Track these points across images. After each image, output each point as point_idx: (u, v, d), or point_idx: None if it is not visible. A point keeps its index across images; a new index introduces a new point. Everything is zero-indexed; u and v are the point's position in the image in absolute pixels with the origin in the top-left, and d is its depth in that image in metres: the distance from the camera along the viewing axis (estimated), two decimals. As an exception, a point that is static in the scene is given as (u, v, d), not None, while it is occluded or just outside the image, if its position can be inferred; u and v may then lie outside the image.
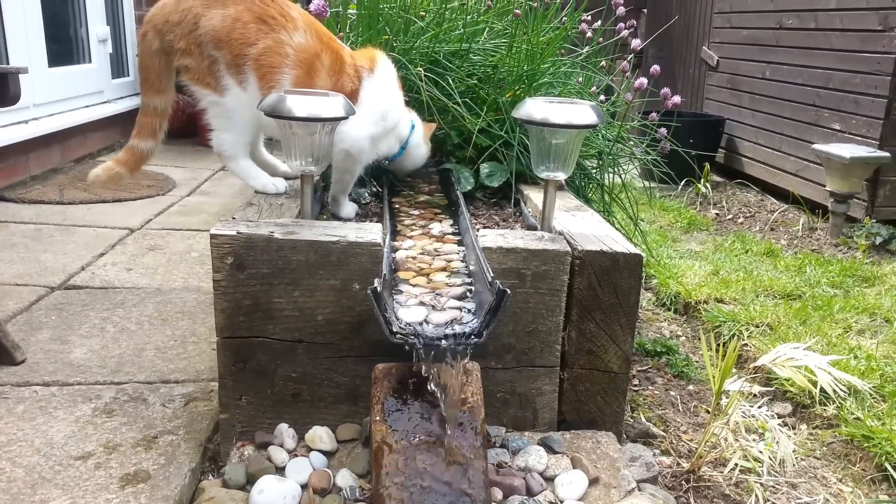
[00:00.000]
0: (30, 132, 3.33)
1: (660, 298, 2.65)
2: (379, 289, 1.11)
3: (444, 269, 1.38)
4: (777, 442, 1.52)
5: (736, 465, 1.50)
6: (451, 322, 1.18)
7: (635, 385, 1.95)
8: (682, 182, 4.40)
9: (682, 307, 2.56)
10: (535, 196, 1.75)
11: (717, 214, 4.13)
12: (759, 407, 1.67)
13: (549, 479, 1.29)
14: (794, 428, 1.81)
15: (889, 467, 1.58)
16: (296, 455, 1.32)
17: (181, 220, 2.97)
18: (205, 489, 1.25)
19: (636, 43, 2.23)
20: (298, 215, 1.51)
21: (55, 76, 3.71)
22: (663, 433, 1.69)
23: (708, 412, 1.79)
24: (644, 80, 2.05)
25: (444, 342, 1.12)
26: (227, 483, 1.25)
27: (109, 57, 4.37)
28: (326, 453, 1.33)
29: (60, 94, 3.75)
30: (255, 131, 1.68)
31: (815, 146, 3.71)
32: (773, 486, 1.53)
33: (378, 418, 1.19)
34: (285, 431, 1.35)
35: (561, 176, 1.48)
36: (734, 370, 1.95)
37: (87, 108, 4.02)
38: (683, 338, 2.35)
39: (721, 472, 1.52)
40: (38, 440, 1.39)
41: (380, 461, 1.15)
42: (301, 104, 1.38)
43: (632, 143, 2.36)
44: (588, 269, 1.37)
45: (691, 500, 1.45)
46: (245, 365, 1.35)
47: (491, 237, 1.39)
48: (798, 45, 4.25)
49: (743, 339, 2.19)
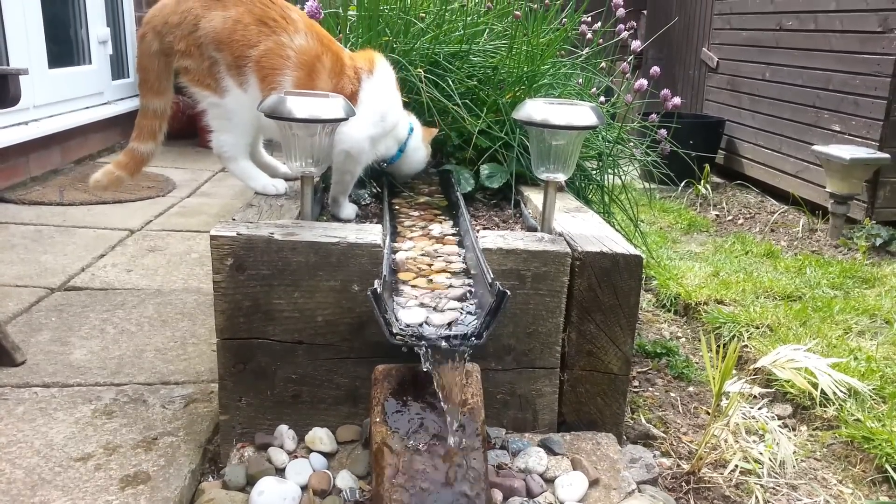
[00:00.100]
0: (30, 133, 3.33)
1: (660, 300, 2.65)
2: (379, 290, 1.11)
3: (444, 271, 1.38)
4: (777, 443, 1.52)
5: (736, 466, 1.50)
6: (451, 323, 1.18)
7: (635, 386, 1.95)
8: (682, 183, 4.40)
9: (682, 308, 2.56)
10: (535, 197, 1.75)
11: (717, 216, 4.13)
12: (759, 408, 1.67)
13: (550, 481, 1.29)
14: (794, 429, 1.81)
15: (889, 469, 1.58)
16: (296, 456, 1.31)
17: (181, 222, 2.97)
18: (205, 490, 1.25)
19: (636, 44, 2.23)
20: (298, 216, 1.51)
21: (55, 77, 3.71)
22: (663, 434, 1.69)
23: (708, 413, 1.79)
24: (644, 82, 2.05)
25: (444, 343, 1.12)
26: (227, 484, 1.25)
27: (109, 58, 4.37)
28: (326, 455, 1.33)
29: (60, 96, 3.76)
30: (255, 133, 1.68)
31: (815, 147, 3.71)
32: (774, 488, 1.52)
33: (378, 419, 1.19)
34: (285, 433, 1.35)
35: (561, 177, 1.48)
36: (734, 371, 1.95)
37: (88, 109, 4.02)
38: (683, 339, 2.35)
39: (721, 474, 1.52)
40: (38, 441, 1.39)
41: (380, 462, 1.15)
42: (301, 105, 1.38)
43: (632, 144, 2.36)
44: (588, 270, 1.37)
45: (691, 501, 1.45)
46: (245, 366, 1.35)
47: (491, 238, 1.39)
48: (798, 46, 4.25)
49: (743, 341, 2.19)
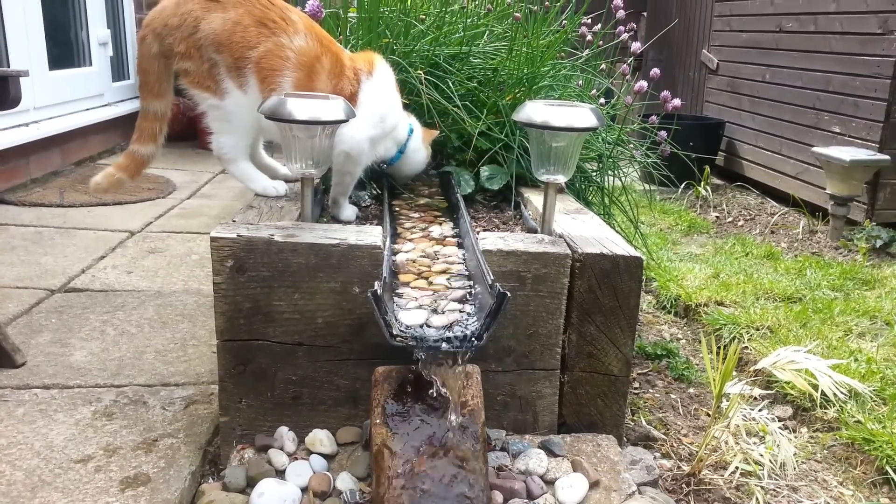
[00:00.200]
0: (30, 135, 3.33)
1: (660, 301, 2.65)
2: (379, 291, 1.11)
3: (445, 272, 1.38)
4: (778, 445, 1.52)
5: (737, 468, 1.50)
6: (451, 325, 1.18)
7: (636, 388, 1.95)
8: (682, 185, 4.40)
9: (682, 310, 2.56)
10: (535, 199, 1.75)
11: (717, 217, 4.13)
12: (759, 410, 1.67)
13: (550, 483, 1.29)
14: (794, 431, 1.81)
15: (890, 470, 1.58)
16: (296, 458, 1.31)
17: (181, 223, 2.97)
18: (205, 492, 1.25)
19: (636, 46, 2.23)
20: (299, 218, 1.51)
21: (56, 79, 3.71)
22: (664, 436, 1.69)
23: (708, 415, 1.79)
24: (644, 83, 2.05)
25: (444, 345, 1.12)
26: (227, 486, 1.25)
27: (110, 60, 4.37)
28: (327, 456, 1.33)
29: (61, 97, 3.76)
30: (255, 134, 1.68)
31: (815, 149, 3.71)
32: (774, 490, 1.52)
33: (378, 421, 1.19)
34: (285, 434, 1.35)
35: (561, 179, 1.48)
36: (734, 373, 1.95)
37: (88, 111, 4.03)
38: (684, 341, 2.35)
39: (722, 476, 1.52)
40: (38, 443, 1.39)
41: (380, 464, 1.15)
42: (302, 107, 1.38)
43: (632, 146, 2.36)
44: (588, 271, 1.37)
45: (692, 503, 1.45)
46: (245, 368, 1.35)
47: (491, 240, 1.39)
48: (798, 48, 4.26)
49: (743, 342, 2.18)
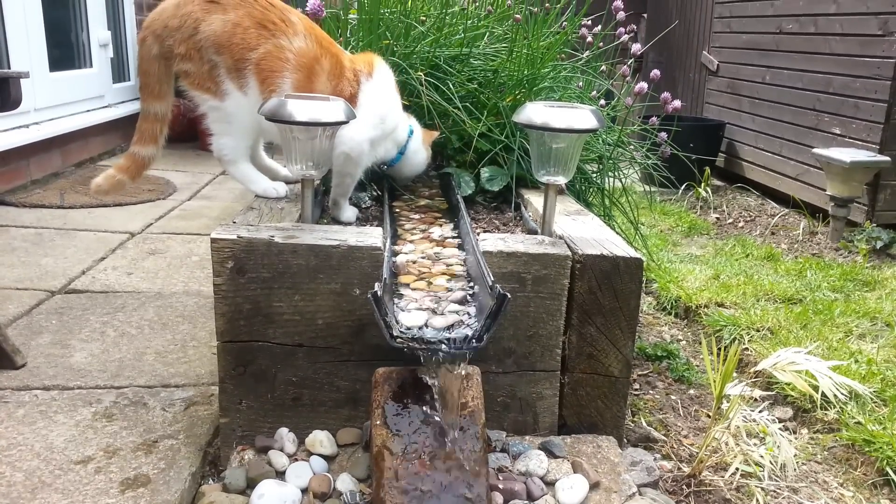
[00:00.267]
0: (31, 136, 3.33)
1: (660, 302, 2.65)
2: (379, 293, 1.11)
3: (445, 274, 1.38)
4: (778, 446, 1.52)
5: (737, 469, 1.50)
6: (451, 326, 1.18)
7: (636, 389, 1.95)
8: (683, 186, 4.40)
9: (682, 311, 2.56)
10: (535, 200, 1.75)
11: (717, 218, 4.13)
12: (759, 411, 1.67)
13: (550, 484, 1.29)
14: (795, 432, 1.80)
15: (890, 472, 1.58)
16: (296, 459, 1.31)
17: (182, 225, 2.97)
18: (205, 493, 1.25)
19: (636, 47, 2.23)
20: (299, 219, 1.51)
21: (56, 81, 3.72)
22: (664, 437, 1.69)
23: (709, 416, 1.79)
24: (644, 85, 2.05)
25: (444, 346, 1.12)
26: (228, 487, 1.25)
27: (110, 61, 4.37)
28: (327, 457, 1.33)
29: (61, 99, 3.76)
30: (255, 136, 1.68)
31: (816, 150, 3.71)
32: (775, 491, 1.52)
33: (378, 422, 1.19)
34: (285, 436, 1.35)
35: (561, 180, 1.48)
36: (735, 374, 1.95)
37: (88, 112, 4.03)
38: (684, 342, 2.35)
39: (722, 477, 1.52)
40: (38, 444, 1.38)
41: (380, 465, 1.15)
42: (302, 108, 1.38)
43: (632, 147, 2.37)
44: (588, 273, 1.37)
45: (692, 504, 1.45)
46: (245, 369, 1.35)
47: (491, 241, 1.39)
48: (798, 49, 4.26)
49: (744, 344, 2.18)
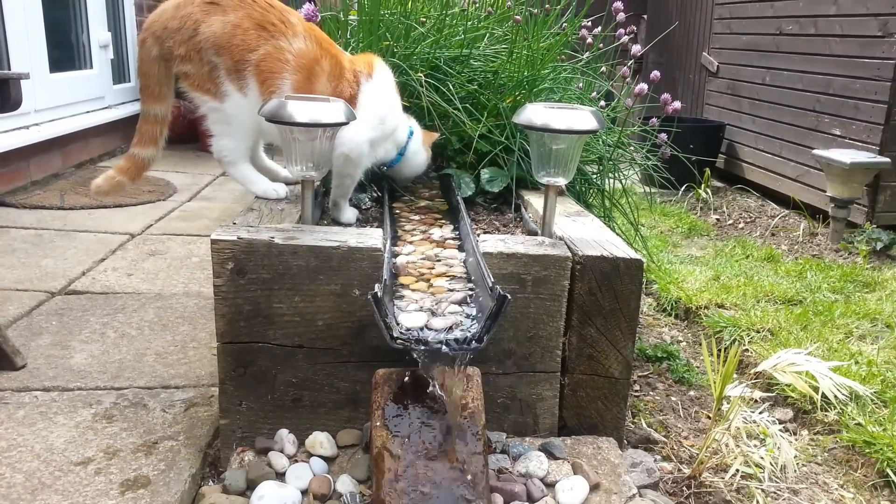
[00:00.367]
0: (31, 137, 3.33)
1: (660, 304, 2.65)
2: (379, 294, 1.11)
3: (445, 275, 1.38)
4: (778, 448, 1.52)
5: (737, 470, 1.50)
6: (451, 327, 1.18)
7: (636, 390, 1.94)
8: (683, 187, 4.40)
9: (682, 312, 2.56)
10: (535, 201, 1.75)
11: (717, 220, 4.13)
12: (760, 412, 1.67)
13: (550, 485, 1.29)
14: (795, 433, 1.80)
15: (891, 473, 1.57)
16: (296, 461, 1.31)
17: (182, 226, 2.97)
18: (205, 495, 1.25)
19: (636, 49, 2.23)
20: (299, 220, 1.51)
21: (56, 82, 3.72)
22: (664, 439, 1.69)
23: (709, 418, 1.79)
24: (644, 86, 2.05)
25: (444, 347, 1.12)
26: (228, 489, 1.25)
27: (110, 63, 4.38)
28: (327, 459, 1.32)
29: (62, 100, 3.76)
30: (255, 137, 1.68)
31: (816, 151, 3.71)
32: (775, 492, 1.52)
33: (378, 424, 1.19)
34: (285, 437, 1.35)
35: (561, 181, 1.48)
36: (735, 375, 1.94)
37: (88, 113, 4.03)
38: (684, 343, 2.35)
39: (722, 478, 1.52)
40: (38, 446, 1.38)
41: (380, 467, 1.15)
42: (302, 110, 1.38)
43: (632, 148, 2.37)
44: (589, 274, 1.37)
45: (692, 506, 1.44)
46: (245, 370, 1.35)
47: (491, 242, 1.39)
48: (798, 50, 4.26)
49: (744, 345, 2.18)
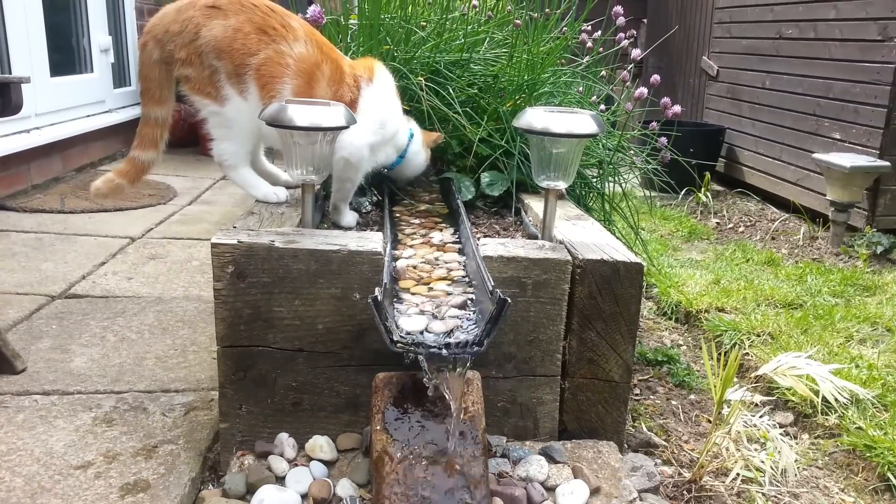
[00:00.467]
0: (31, 141, 3.34)
1: (661, 307, 2.65)
2: (380, 297, 1.11)
3: (445, 278, 1.38)
4: (779, 451, 1.52)
5: (738, 474, 1.50)
6: (451, 331, 1.18)
7: (636, 394, 1.94)
8: (683, 191, 4.40)
9: (683, 316, 2.56)
10: (535, 205, 1.75)
11: (717, 223, 4.13)
12: (760, 416, 1.67)
13: (551, 489, 1.28)
14: (795, 437, 1.80)
15: (891, 477, 1.57)
16: (296, 464, 1.31)
17: (182, 229, 2.97)
18: (205, 499, 1.25)
19: (636, 53, 2.24)
20: (299, 224, 1.51)
21: (57, 86, 3.72)
22: (665, 443, 1.69)
23: (709, 422, 1.79)
24: (644, 90, 2.05)
25: (444, 351, 1.12)
26: (227, 493, 1.25)
27: (111, 66, 4.38)
28: (327, 463, 1.32)
29: (62, 104, 3.77)
30: (255, 141, 1.69)
31: (816, 155, 3.71)
32: (775, 496, 1.52)
33: (378, 427, 1.19)
34: (285, 441, 1.35)
35: (561, 185, 1.48)
36: (735, 379, 1.95)
37: (89, 117, 4.03)
38: (685, 347, 2.35)
39: (723, 482, 1.52)
40: (38, 449, 1.38)
41: (380, 471, 1.15)
42: (302, 114, 1.38)
43: (632, 152, 2.37)
44: (589, 277, 1.37)
45: (693, 510, 1.44)
46: (245, 374, 1.35)
47: (492, 246, 1.39)
48: (798, 54, 4.27)
49: (744, 349, 2.18)
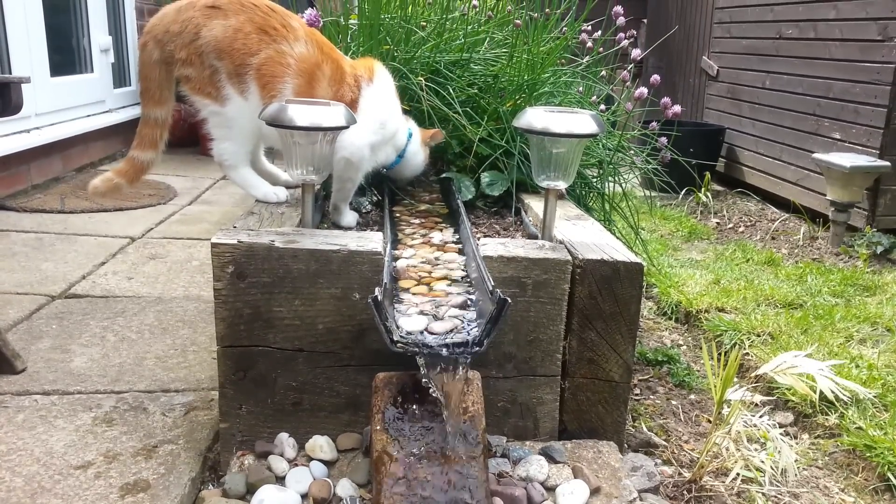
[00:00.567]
0: (31, 141, 3.33)
1: (661, 307, 2.65)
2: (380, 297, 1.11)
3: (445, 278, 1.38)
4: (779, 451, 1.52)
5: (738, 474, 1.50)
6: (451, 331, 1.18)
7: (636, 394, 1.94)
8: (683, 191, 4.40)
9: (683, 316, 2.56)
10: (535, 205, 1.75)
11: (717, 223, 4.13)
12: (760, 416, 1.67)
13: (551, 489, 1.28)
14: (795, 437, 1.80)
15: (892, 477, 1.57)
16: (296, 464, 1.31)
17: (182, 229, 2.97)
18: (205, 499, 1.25)
19: (636, 53, 2.24)
20: (299, 224, 1.51)
21: (57, 86, 3.72)
22: (665, 443, 1.69)
23: (709, 421, 1.79)
24: (644, 90, 2.05)
25: (444, 351, 1.12)
26: (227, 493, 1.25)
27: (111, 67, 4.38)
28: (327, 463, 1.32)
29: (62, 104, 3.77)
30: (256, 141, 1.69)
31: (816, 155, 3.71)
32: (776, 496, 1.52)
33: (378, 427, 1.19)
34: (285, 441, 1.35)
35: (561, 185, 1.48)
36: (735, 379, 1.95)
37: (89, 117, 4.03)
38: (685, 347, 2.35)
39: (723, 482, 1.52)
40: (38, 449, 1.38)
41: (380, 471, 1.15)
42: (303, 113, 1.38)
43: (632, 152, 2.37)
44: (589, 277, 1.37)
45: (693, 510, 1.44)
46: (245, 374, 1.35)
47: (492, 246, 1.39)
48: (798, 54, 4.27)
49: (744, 349, 2.18)
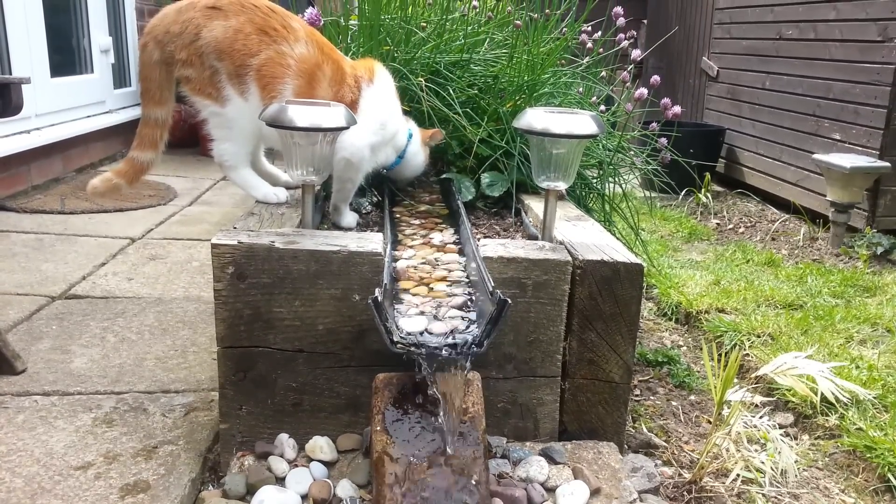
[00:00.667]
0: (32, 142, 3.34)
1: (661, 308, 2.65)
2: (380, 298, 1.11)
3: (445, 279, 1.38)
4: (779, 452, 1.52)
5: (738, 475, 1.50)
6: (451, 332, 1.18)
7: (637, 395, 1.94)
8: (683, 192, 4.40)
9: (683, 317, 2.56)
10: (535, 206, 1.75)
11: (717, 224, 4.13)
12: (760, 417, 1.67)
13: (551, 490, 1.28)
14: (796, 438, 1.80)
15: (892, 478, 1.57)
16: (296, 465, 1.31)
17: (182, 230, 2.97)
18: (205, 499, 1.25)
19: (636, 53, 2.24)
20: (299, 225, 1.51)
21: (57, 86, 3.72)
22: (665, 443, 1.69)
23: (709, 422, 1.79)
24: (644, 91, 2.05)
25: (444, 352, 1.12)
26: (227, 493, 1.25)
27: (111, 67, 4.39)
28: (327, 463, 1.32)
29: (62, 104, 3.77)
30: (256, 141, 1.69)
31: (816, 156, 3.71)
32: (776, 497, 1.52)
33: (379, 428, 1.19)
34: (285, 441, 1.35)
35: (561, 186, 1.48)
36: (736, 380, 1.95)
37: (89, 118, 4.04)
38: (685, 347, 2.35)
39: (723, 483, 1.52)
40: (38, 450, 1.38)
41: (380, 471, 1.15)
42: (303, 114, 1.38)
43: (632, 152, 2.37)
44: (589, 278, 1.37)
45: (693, 510, 1.44)
46: (245, 375, 1.35)
47: (492, 247, 1.39)
48: (798, 55, 4.27)
49: (744, 349, 2.18)
